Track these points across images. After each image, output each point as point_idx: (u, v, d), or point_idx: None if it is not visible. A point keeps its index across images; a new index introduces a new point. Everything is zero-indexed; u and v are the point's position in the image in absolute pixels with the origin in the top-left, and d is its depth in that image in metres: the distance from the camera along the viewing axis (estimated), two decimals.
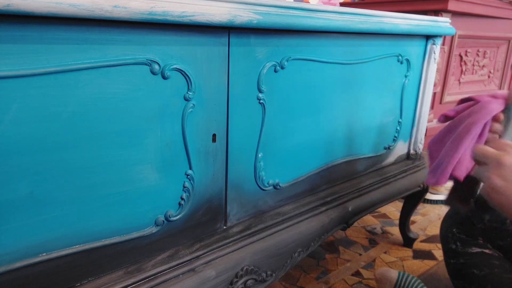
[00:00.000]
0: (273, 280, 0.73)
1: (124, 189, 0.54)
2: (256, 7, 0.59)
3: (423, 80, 1.07)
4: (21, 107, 0.43)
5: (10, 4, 0.38)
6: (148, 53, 0.52)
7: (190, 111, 0.58)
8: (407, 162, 1.13)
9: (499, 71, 1.86)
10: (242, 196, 0.70)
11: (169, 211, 0.60)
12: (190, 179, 0.61)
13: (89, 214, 0.52)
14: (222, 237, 0.67)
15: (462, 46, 1.59)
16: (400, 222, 1.27)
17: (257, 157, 0.70)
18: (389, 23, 0.84)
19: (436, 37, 1.04)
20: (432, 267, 1.14)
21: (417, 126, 1.11)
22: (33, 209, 0.47)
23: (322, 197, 0.86)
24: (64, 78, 0.45)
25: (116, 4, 0.44)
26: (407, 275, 0.92)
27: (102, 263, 0.55)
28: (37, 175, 0.46)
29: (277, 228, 0.74)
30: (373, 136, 0.98)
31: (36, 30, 0.42)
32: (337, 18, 0.72)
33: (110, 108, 0.50)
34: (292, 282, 1.06)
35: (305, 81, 0.75)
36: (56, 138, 0.47)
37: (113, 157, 0.52)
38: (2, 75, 0.41)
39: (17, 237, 0.47)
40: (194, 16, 0.51)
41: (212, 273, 0.62)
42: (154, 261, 0.59)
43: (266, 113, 0.69)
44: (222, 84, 0.61)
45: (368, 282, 1.07)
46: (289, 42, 0.69)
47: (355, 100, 0.88)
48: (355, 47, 0.83)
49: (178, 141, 0.58)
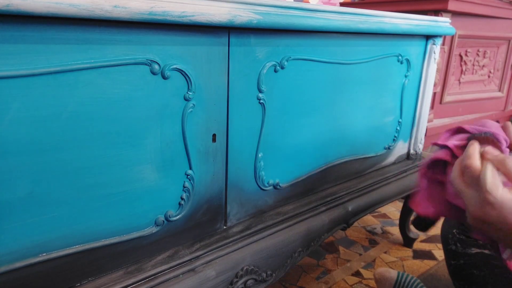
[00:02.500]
0: (273, 280, 0.73)
1: (124, 189, 0.54)
2: (256, 7, 0.59)
3: (423, 80, 1.07)
4: (21, 107, 0.43)
5: (10, 4, 0.38)
6: (148, 53, 0.52)
7: (190, 111, 0.58)
8: (407, 162, 1.13)
9: (499, 71, 1.86)
10: (242, 196, 0.70)
11: (169, 211, 0.60)
12: (190, 179, 0.61)
13: (89, 214, 0.52)
14: (222, 237, 0.67)
15: (462, 46, 1.59)
16: (400, 222, 1.27)
17: (257, 157, 0.70)
18: (389, 23, 0.84)
19: (436, 37, 1.04)
20: (432, 267, 1.14)
21: (417, 126, 1.11)
22: (33, 209, 0.47)
23: (322, 197, 0.86)
24: (64, 78, 0.45)
25: (116, 4, 0.44)
26: (407, 275, 0.92)
27: (102, 263, 0.55)
28: (37, 175, 0.46)
29: (277, 228, 0.74)
30: (373, 136, 0.98)
31: (36, 30, 0.42)
32: (337, 18, 0.72)
33: (110, 108, 0.50)
34: (292, 282, 1.06)
35: (305, 81, 0.75)
36: (56, 138, 0.47)
37: (113, 157, 0.52)
38: (2, 75, 0.41)
39: (17, 237, 0.47)
40: (194, 16, 0.51)
41: (212, 273, 0.62)
42: (154, 261, 0.59)
43: (266, 113, 0.69)
44: (222, 84, 0.61)
45: (368, 282, 1.07)
46: (289, 42, 0.69)
47: (355, 100, 0.88)
48: (355, 47, 0.83)
49: (178, 141, 0.58)
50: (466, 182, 0.48)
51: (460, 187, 0.49)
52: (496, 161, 0.47)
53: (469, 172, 0.48)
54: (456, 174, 0.50)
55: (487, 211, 0.45)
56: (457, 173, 0.50)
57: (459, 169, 0.50)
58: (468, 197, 0.48)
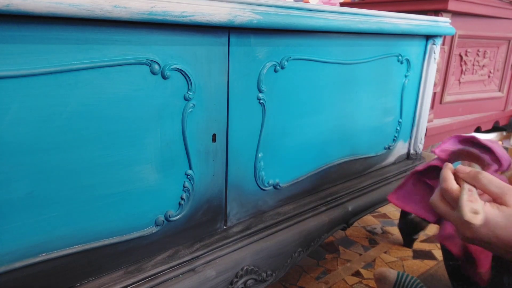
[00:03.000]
0: (273, 280, 0.73)
1: (124, 189, 0.54)
2: (256, 7, 0.59)
3: (423, 80, 1.07)
4: (21, 107, 0.43)
5: (10, 4, 0.38)
6: (148, 53, 0.52)
7: (190, 111, 0.58)
8: (407, 162, 1.13)
9: (499, 71, 1.86)
10: (242, 196, 0.70)
11: (169, 211, 0.60)
12: (190, 179, 0.61)
13: (89, 214, 0.52)
14: (222, 237, 0.67)
15: (462, 46, 1.59)
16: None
17: (257, 157, 0.70)
18: (389, 23, 0.84)
19: (436, 37, 1.04)
20: (432, 267, 1.14)
21: (417, 126, 1.11)
22: (33, 209, 0.47)
23: (322, 197, 0.86)
24: (64, 78, 0.45)
25: (116, 4, 0.44)
26: (406, 275, 0.92)
27: (102, 263, 0.55)
28: (37, 175, 0.46)
29: (277, 228, 0.74)
30: (373, 136, 0.98)
31: (36, 30, 0.42)
32: (337, 18, 0.72)
33: (110, 108, 0.50)
34: (292, 282, 1.06)
35: (305, 81, 0.75)
36: (56, 138, 0.47)
37: (113, 157, 0.52)
38: (2, 75, 0.41)
39: (17, 237, 0.47)
40: (194, 16, 0.51)
41: (212, 273, 0.62)
42: (154, 261, 0.59)
43: (266, 113, 0.69)
44: (222, 84, 0.61)
45: (368, 282, 1.07)
46: (289, 42, 0.69)
47: (355, 100, 0.88)
48: (355, 47, 0.83)
49: (178, 141, 0.58)
50: (448, 204, 0.48)
51: (443, 211, 0.49)
52: (469, 178, 0.48)
53: (448, 195, 0.48)
54: (437, 198, 0.50)
55: (477, 230, 0.44)
56: (438, 197, 0.50)
57: (439, 194, 0.50)
58: (453, 219, 0.47)
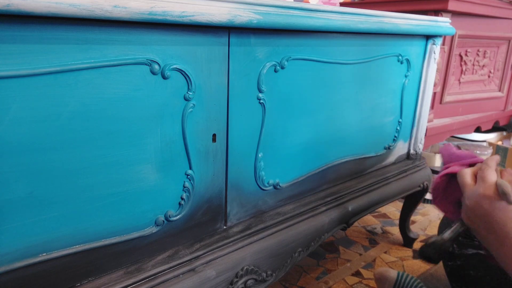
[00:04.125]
0: (273, 280, 0.73)
1: (124, 189, 0.54)
2: (256, 7, 0.59)
3: (423, 80, 1.07)
4: (21, 107, 0.43)
5: (10, 4, 0.38)
6: (148, 53, 0.52)
7: (190, 111, 0.58)
8: (407, 162, 1.13)
9: (499, 71, 1.86)
10: (242, 196, 0.70)
11: (169, 211, 0.60)
12: (190, 179, 0.61)
13: (89, 214, 0.52)
14: (222, 237, 0.67)
15: (462, 46, 1.59)
16: (400, 222, 1.27)
17: (257, 157, 0.70)
18: (389, 23, 0.84)
19: (436, 37, 1.04)
20: (432, 267, 1.14)
21: (417, 126, 1.11)
22: (33, 209, 0.47)
23: (322, 197, 0.86)
24: (64, 78, 0.45)
25: (116, 4, 0.44)
26: (406, 275, 0.92)
27: (102, 263, 0.55)
28: (37, 175, 0.46)
29: (277, 228, 0.74)
30: (373, 136, 0.98)
31: (36, 30, 0.42)
32: (337, 18, 0.72)
33: (110, 108, 0.50)
34: (292, 282, 1.06)
35: (305, 81, 0.75)
36: (56, 138, 0.47)
37: (113, 157, 0.52)
38: (2, 75, 0.41)
39: (17, 237, 0.47)
40: (194, 16, 0.51)
41: (212, 273, 0.62)
42: (154, 261, 0.59)
43: (266, 113, 0.69)
44: (222, 84, 0.61)
45: (368, 282, 1.07)
46: (289, 42, 0.69)
47: (355, 100, 0.88)
48: (355, 47, 0.83)
49: (178, 141, 0.58)
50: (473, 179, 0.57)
51: (466, 180, 0.58)
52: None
53: (482, 171, 0.56)
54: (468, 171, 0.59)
55: (481, 202, 0.53)
56: (469, 171, 0.59)
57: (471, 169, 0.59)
58: (469, 189, 0.56)
